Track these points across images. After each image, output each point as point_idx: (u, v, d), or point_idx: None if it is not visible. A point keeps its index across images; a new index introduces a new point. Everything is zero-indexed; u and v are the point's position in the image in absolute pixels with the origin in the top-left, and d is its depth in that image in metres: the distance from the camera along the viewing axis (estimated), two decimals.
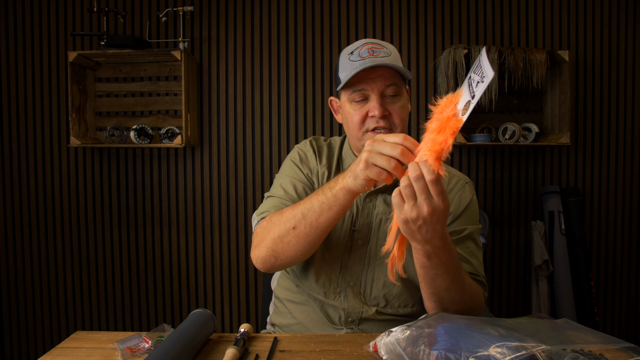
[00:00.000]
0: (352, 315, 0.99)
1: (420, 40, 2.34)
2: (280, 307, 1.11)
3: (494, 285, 2.38)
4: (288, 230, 0.88)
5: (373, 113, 0.94)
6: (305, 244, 0.88)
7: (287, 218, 0.88)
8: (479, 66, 0.65)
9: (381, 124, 0.95)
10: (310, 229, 0.86)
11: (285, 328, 1.08)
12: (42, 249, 2.37)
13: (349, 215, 1.01)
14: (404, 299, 1.00)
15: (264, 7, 2.35)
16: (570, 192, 2.27)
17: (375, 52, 0.95)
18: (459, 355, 0.61)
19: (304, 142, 1.13)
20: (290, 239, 0.88)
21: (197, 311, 0.87)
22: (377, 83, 0.94)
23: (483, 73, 0.63)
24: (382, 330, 0.99)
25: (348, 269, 1.01)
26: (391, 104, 0.96)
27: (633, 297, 2.37)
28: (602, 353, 0.65)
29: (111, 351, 0.80)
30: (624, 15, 2.34)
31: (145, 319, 2.39)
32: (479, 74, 0.64)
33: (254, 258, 0.96)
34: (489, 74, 0.62)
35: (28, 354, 2.38)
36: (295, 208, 0.88)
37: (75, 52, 2.10)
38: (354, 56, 0.96)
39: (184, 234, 2.37)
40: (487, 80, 0.62)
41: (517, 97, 2.34)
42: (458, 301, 0.84)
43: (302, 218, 0.86)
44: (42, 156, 2.36)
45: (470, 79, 0.67)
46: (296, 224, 0.86)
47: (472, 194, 1.05)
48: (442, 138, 0.64)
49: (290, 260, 0.92)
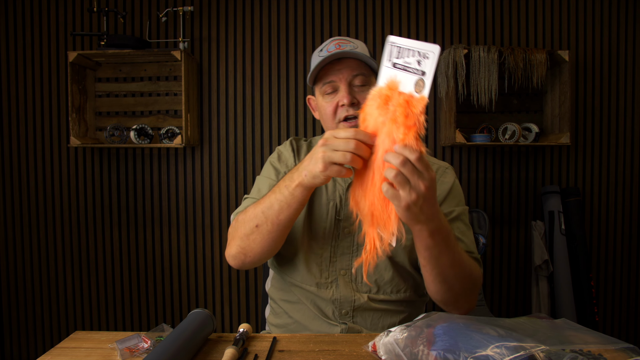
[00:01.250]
0: (344, 306, 1.01)
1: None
2: (276, 307, 1.13)
3: (494, 285, 2.38)
4: (252, 229, 0.90)
5: (342, 102, 0.98)
6: (270, 240, 0.91)
7: (250, 217, 0.91)
8: (402, 51, 0.69)
9: (351, 112, 0.99)
10: (272, 226, 0.88)
11: (282, 328, 1.09)
12: (42, 249, 2.37)
13: (333, 206, 1.03)
14: (395, 283, 1.03)
15: (264, 7, 2.35)
16: (570, 192, 2.27)
17: (342, 46, 0.99)
18: (457, 356, 0.61)
19: (285, 142, 1.17)
20: (255, 237, 0.91)
21: (196, 311, 0.87)
22: (343, 73, 0.99)
23: (420, 52, 0.67)
24: (377, 322, 1.01)
25: (337, 257, 1.03)
26: (360, 93, 0.99)
27: (633, 297, 2.37)
28: (601, 353, 0.65)
29: (110, 351, 0.80)
30: (624, 15, 2.34)
31: (145, 319, 2.39)
32: (412, 55, 0.68)
33: (227, 256, 0.99)
34: (432, 48, 0.65)
35: (28, 354, 2.39)
36: (257, 207, 0.90)
37: (75, 52, 2.11)
38: (322, 52, 1.01)
39: (184, 234, 2.37)
40: (434, 55, 0.66)
41: (517, 97, 2.34)
42: (461, 277, 0.86)
43: (264, 217, 0.88)
44: (42, 156, 2.36)
45: (400, 65, 0.69)
46: (259, 223, 0.89)
47: (453, 177, 1.08)
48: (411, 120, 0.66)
49: (259, 257, 0.95)
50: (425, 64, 0.67)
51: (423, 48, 0.67)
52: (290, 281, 1.07)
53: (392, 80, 0.70)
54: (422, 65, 0.67)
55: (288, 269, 1.07)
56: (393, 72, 0.70)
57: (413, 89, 0.68)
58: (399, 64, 0.70)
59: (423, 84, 0.68)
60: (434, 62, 0.66)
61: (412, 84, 0.68)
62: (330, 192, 1.05)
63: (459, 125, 2.21)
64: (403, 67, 0.69)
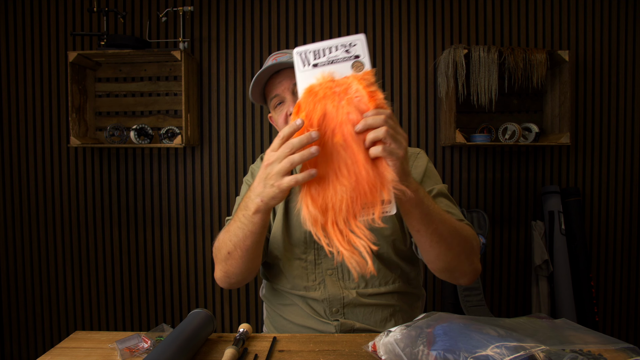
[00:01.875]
0: (334, 304, 1.02)
1: (420, 40, 2.34)
2: (271, 311, 1.15)
3: (494, 285, 2.38)
4: (226, 255, 0.91)
5: (289, 111, 0.99)
6: (245, 263, 0.91)
7: (222, 245, 0.91)
8: (319, 52, 0.70)
9: None
10: (242, 252, 0.88)
11: (280, 329, 1.10)
12: (42, 249, 2.37)
13: None
14: (382, 275, 1.04)
15: (264, 7, 2.35)
16: (570, 192, 2.27)
17: (278, 59, 1.00)
18: (457, 356, 0.61)
19: (257, 159, 1.19)
20: (231, 262, 0.91)
21: (197, 311, 0.87)
22: (284, 84, 1.00)
23: (344, 44, 0.68)
24: (369, 316, 1.03)
25: (322, 259, 1.04)
26: None
27: (633, 297, 2.37)
28: (601, 353, 0.65)
29: (110, 351, 0.80)
30: (624, 15, 2.34)
31: (145, 319, 2.39)
32: (336, 50, 0.69)
33: (215, 278, 1.00)
34: (357, 37, 0.68)
35: (28, 354, 2.39)
36: (225, 234, 0.90)
37: (75, 52, 2.10)
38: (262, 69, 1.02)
39: (184, 234, 2.37)
40: (361, 41, 0.68)
41: (517, 97, 2.34)
42: (456, 234, 0.86)
43: (232, 244, 0.88)
44: (42, 156, 2.36)
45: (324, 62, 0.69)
46: (229, 250, 0.89)
47: (426, 159, 1.09)
48: (365, 96, 0.67)
49: (242, 277, 0.95)
50: (354, 50, 0.68)
51: (346, 40, 0.69)
52: (280, 289, 1.09)
53: (322, 75, 0.69)
54: (351, 52, 0.69)
55: (276, 277, 1.09)
56: (319, 70, 0.70)
57: (352, 72, 0.69)
58: (322, 62, 0.70)
59: (361, 64, 0.69)
60: (364, 46, 0.68)
61: (348, 69, 0.69)
62: None
63: (459, 125, 2.21)
64: (331, 62, 0.69)
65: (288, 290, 1.07)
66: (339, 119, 0.67)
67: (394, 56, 2.34)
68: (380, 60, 2.34)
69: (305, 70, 0.70)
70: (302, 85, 0.70)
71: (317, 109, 0.68)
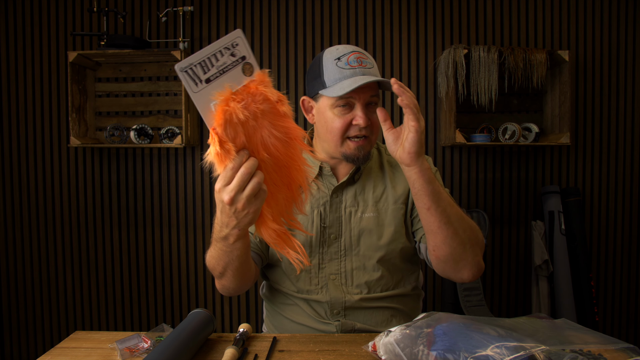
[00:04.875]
0: (336, 306, 1.03)
1: (420, 40, 2.34)
2: (271, 309, 1.16)
3: (494, 285, 2.38)
4: (219, 275, 0.92)
5: (357, 122, 0.97)
6: (240, 278, 0.92)
7: (213, 266, 0.92)
8: (206, 62, 0.65)
9: (363, 133, 0.99)
10: (233, 271, 0.89)
11: (280, 328, 1.10)
12: (42, 249, 2.37)
13: (317, 214, 1.05)
14: (384, 282, 1.05)
15: (264, 7, 2.35)
16: (570, 192, 2.26)
17: (362, 62, 0.98)
18: (457, 356, 0.61)
19: None
20: (226, 280, 0.93)
21: (197, 311, 0.87)
22: (365, 94, 0.97)
23: (227, 46, 0.65)
24: (369, 318, 1.03)
25: (326, 264, 1.05)
26: (372, 114, 1.00)
27: (633, 297, 2.37)
28: (601, 353, 0.65)
29: (110, 351, 0.80)
30: (624, 15, 2.34)
31: (145, 319, 2.39)
32: (222, 56, 0.65)
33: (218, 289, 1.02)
34: (234, 34, 0.65)
35: (28, 354, 2.39)
36: (212, 257, 0.89)
37: (75, 52, 2.10)
38: (342, 63, 0.98)
39: (184, 234, 2.37)
40: (241, 38, 0.66)
41: (517, 97, 2.33)
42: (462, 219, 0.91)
43: (221, 267, 0.89)
44: (42, 156, 2.36)
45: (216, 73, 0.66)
46: (220, 271, 0.90)
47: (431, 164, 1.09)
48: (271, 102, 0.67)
49: (240, 288, 0.96)
50: (239, 50, 0.66)
51: (227, 41, 0.66)
52: (281, 290, 1.09)
53: (221, 93, 0.65)
54: (237, 54, 0.66)
55: (278, 278, 1.10)
56: (215, 85, 0.65)
57: (245, 76, 0.67)
58: (214, 75, 0.65)
59: (250, 66, 0.68)
60: (245, 44, 0.67)
61: (240, 75, 0.67)
62: (314, 199, 1.06)
63: (459, 125, 2.21)
64: (221, 72, 0.66)
65: (290, 292, 1.07)
66: (258, 135, 0.68)
67: (394, 56, 2.34)
68: (381, 60, 2.34)
69: (200, 89, 0.65)
70: (203, 107, 0.65)
71: (238, 133, 0.66)
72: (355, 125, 0.98)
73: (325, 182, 1.08)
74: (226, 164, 0.66)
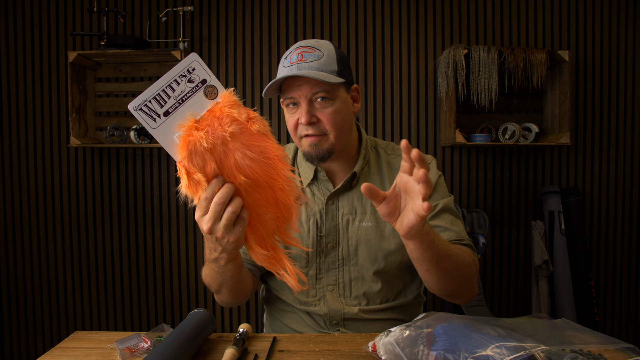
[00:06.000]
0: (335, 317, 1.01)
1: (420, 40, 2.34)
2: (271, 315, 1.15)
3: (494, 285, 2.38)
4: (216, 291, 0.93)
5: (300, 120, 0.94)
6: (236, 293, 0.93)
7: (209, 283, 0.92)
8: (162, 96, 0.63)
9: (310, 132, 0.95)
10: (228, 289, 0.90)
11: (279, 332, 1.10)
12: (42, 249, 2.37)
13: (314, 222, 1.01)
14: (384, 294, 1.02)
15: (264, 7, 2.35)
16: (570, 192, 2.26)
17: (304, 56, 0.93)
18: (457, 356, 0.61)
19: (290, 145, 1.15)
20: (223, 295, 0.93)
21: (197, 311, 0.87)
22: (303, 90, 0.93)
23: (183, 73, 0.63)
24: (369, 328, 1.01)
25: (324, 274, 1.02)
26: (321, 110, 0.94)
27: (633, 297, 2.37)
28: (601, 353, 0.65)
29: (110, 351, 0.80)
30: (624, 15, 2.34)
31: (145, 319, 2.39)
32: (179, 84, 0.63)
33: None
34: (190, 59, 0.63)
35: (28, 354, 2.38)
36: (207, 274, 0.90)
37: (75, 52, 2.10)
38: (286, 61, 0.96)
39: (184, 234, 2.37)
40: (197, 61, 0.64)
41: (517, 97, 2.33)
42: (462, 272, 0.87)
43: (217, 285, 0.90)
44: (42, 156, 2.36)
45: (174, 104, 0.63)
46: (216, 289, 0.91)
47: (436, 171, 1.04)
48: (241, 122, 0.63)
49: (237, 303, 0.98)
50: (197, 75, 0.63)
51: (182, 68, 0.63)
52: (280, 297, 1.08)
53: (183, 124, 0.62)
54: (195, 79, 0.63)
55: (277, 287, 1.08)
56: (175, 116, 0.63)
57: (209, 100, 0.64)
58: (172, 106, 0.63)
59: (213, 88, 0.65)
60: (203, 66, 0.63)
61: (203, 100, 0.64)
62: (309, 208, 1.02)
63: (459, 125, 2.21)
64: (180, 101, 0.63)
65: (289, 301, 1.05)
66: (231, 159, 0.64)
67: (394, 56, 2.34)
68: (381, 60, 2.34)
69: (159, 123, 0.62)
70: (165, 141, 0.63)
71: (207, 161, 0.63)
72: (301, 124, 0.95)
73: (321, 188, 1.04)
74: (199, 195, 0.63)
